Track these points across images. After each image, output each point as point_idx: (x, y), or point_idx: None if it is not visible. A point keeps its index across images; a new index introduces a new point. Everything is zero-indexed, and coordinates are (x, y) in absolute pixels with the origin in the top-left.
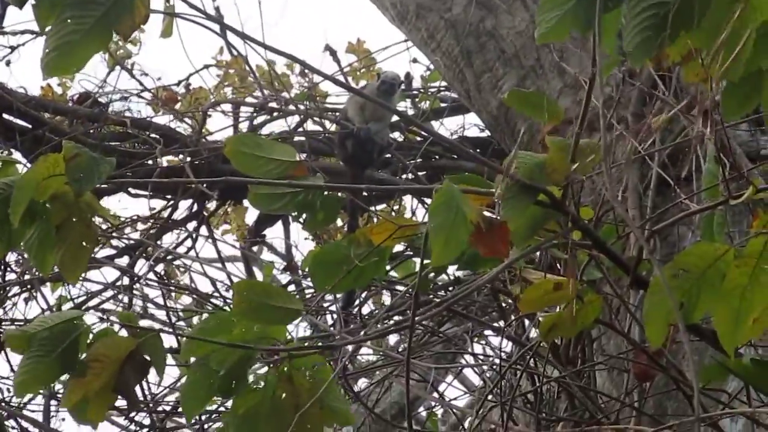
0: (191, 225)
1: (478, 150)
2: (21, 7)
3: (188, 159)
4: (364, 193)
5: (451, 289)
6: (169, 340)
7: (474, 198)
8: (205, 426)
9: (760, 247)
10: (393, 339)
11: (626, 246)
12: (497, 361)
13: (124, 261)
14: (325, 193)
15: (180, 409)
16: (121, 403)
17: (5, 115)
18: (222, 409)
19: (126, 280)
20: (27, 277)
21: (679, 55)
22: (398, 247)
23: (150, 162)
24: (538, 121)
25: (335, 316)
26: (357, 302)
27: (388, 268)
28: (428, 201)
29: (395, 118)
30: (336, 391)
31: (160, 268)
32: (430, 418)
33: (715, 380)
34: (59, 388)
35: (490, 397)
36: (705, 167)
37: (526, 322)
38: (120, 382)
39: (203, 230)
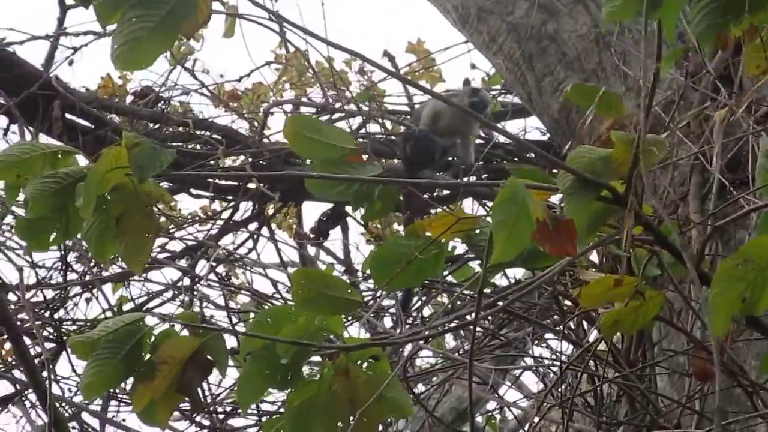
0: (252, 226)
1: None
2: (87, 6)
3: (249, 160)
4: (426, 195)
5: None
6: (229, 342)
7: (537, 194)
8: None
9: None
10: (451, 344)
11: (688, 247)
12: (557, 363)
13: (184, 262)
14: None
15: (239, 411)
16: (183, 405)
17: (68, 115)
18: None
19: (187, 281)
20: (88, 277)
21: (741, 30)
22: (457, 251)
23: (212, 163)
24: (600, 116)
25: (394, 318)
26: (416, 304)
27: (446, 272)
28: (489, 204)
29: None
30: (396, 382)
31: (220, 269)
32: (489, 422)
33: None
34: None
35: (549, 399)
36: (758, 163)
37: (586, 325)
38: (183, 382)
39: (264, 231)
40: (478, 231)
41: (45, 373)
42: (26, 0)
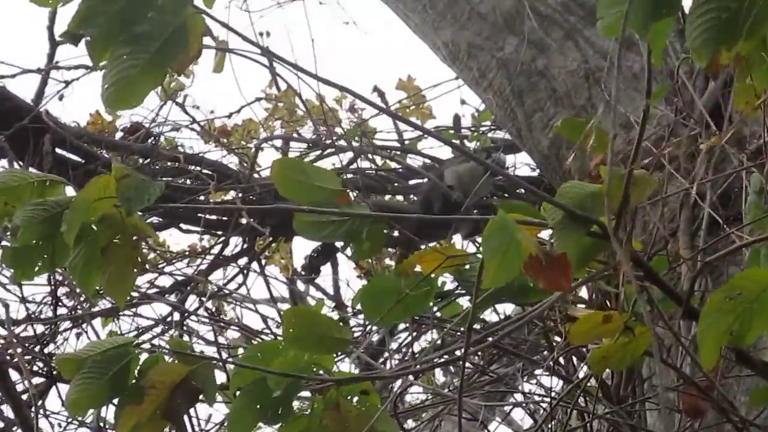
0: (242, 261)
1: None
2: (76, 44)
3: (240, 195)
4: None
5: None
6: (219, 378)
7: (527, 228)
8: None
9: None
10: (441, 379)
11: (678, 283)
12: (547, 399)
13: (174, 297)
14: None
15: None
16: None
17: (58, 150)
18: None
19: (176, 316)
20: (78, 312)
21: (730, 59)
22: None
23: (202, 198)
24: (589, 153)
25: (385, 354)
26: (406, 339)
27: (435, 308)
28: (478, 239)
29: None
30: (387, 417)
31: (210, 304)
32: None
33: (765, 405)
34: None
35: None
36: (748, 199)
37: (576, 361)
38: (170, 408)
39: (254, 267)
40: (467, 266)
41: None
42: (17, 34)
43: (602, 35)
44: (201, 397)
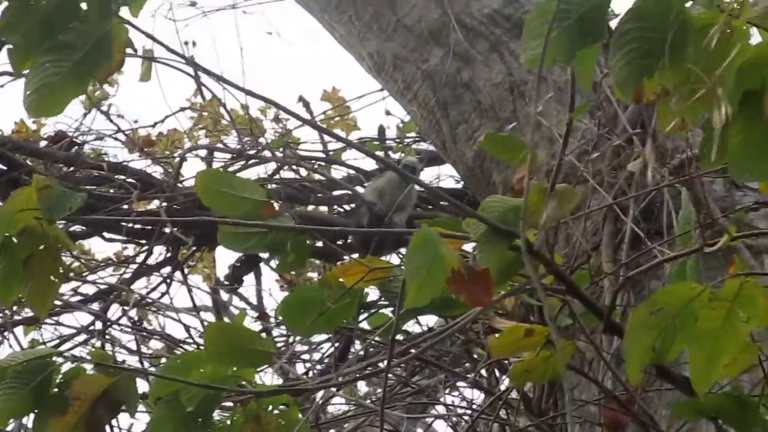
0: (165, 270)
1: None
2: None
3: (164, 204)
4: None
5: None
6: (142, 386)
7: (450, 242)
8: None
9: (735, 290)
10: (363, 390)
11: (600, 297)
12: (468, 411)
13: (97, 306)
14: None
15: None
16: None
17: None
18: None
19: (99, 325)
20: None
21: (653, 93)
22: (372, 298)
23: (126, 206)
24: (514, 167)
25: (307, 365)
26: (328, 351)
27: (361, 318)
28: (403, 251)
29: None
30: (306, 430)
31: (133, 313)
32: None
33: (686, 419)
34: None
35: None
36: (681, 214)
37: (498, 374)
38: (92, 420)
39: (177, 276)
40: (392, 279)
41: None
42: None
43: (525, 67)
44: (123, 407)
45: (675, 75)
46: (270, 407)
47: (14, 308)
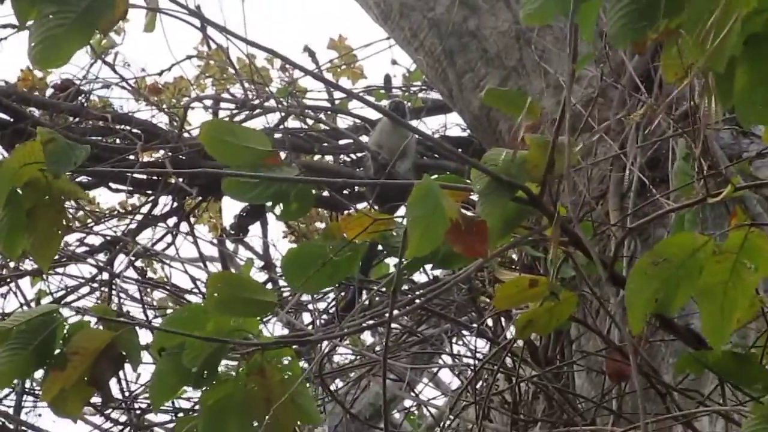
0: (171, 221)
1: (459, 149)
2: (2, 2)
3: (169, 154)
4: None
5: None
6: (146, 337)
7: (452, 194)
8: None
9: (740, 242)
10: (369, 340)
11: (607, 247)
12: (474, 360)
13: (103, 257)
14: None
15: None
16: (96, 399)
17: None
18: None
19: (105, 276)
20: (5, 272)
21: (657, 34)
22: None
23: (131, 157)
24: (518, 119)
25: (312, 315)
26: (332, 302)
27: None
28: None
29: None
30: (305, 388)
31: (139, 264)
32: (408, 418)
33: (689, 372)
34: (31, 385)
35: (467, 396)
36: (675, 164)
37: (504, 322)
38: (94, 375)
39: (183, 227)
40: (393, 232)
41: None
42: None
43: (524, 23)
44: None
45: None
46: (275, 359)
47: (20, 259)
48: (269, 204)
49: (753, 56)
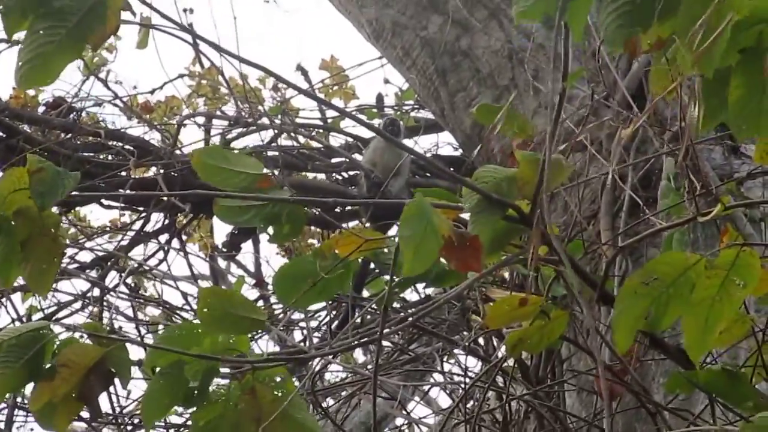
0: (163, 237)
1: (451, 168)
2: None
3: (161, 171)
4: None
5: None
6: (137, 353)
7: (444, 212)
8: None
9: (731, 259)
10: (361, 358)
11: (598, 266)
12: (465, 379)
13: (94, 273)
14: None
15: None
16: (86, 414)
17: None
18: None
19: (96, 292)
20: None
21: (648, 44)
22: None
23: (123, 173)
24: (510, 137)
25: (304, 332)
26: (327, 318)
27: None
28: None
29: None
30: (301, 402)
31: (130, 280)
32: None
33: (679, 392)
34: (22, 399)
35: (458, 415)
36: (662, 184)
37: (495, 341)
38: (84, 390)
39: (175, 243)
40: (385, 250)
41: None
42: None
43: (517, 22)
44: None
45: (665, 29)
46: (266, 379)
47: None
48: (261, 227)
49: (747, 69)
